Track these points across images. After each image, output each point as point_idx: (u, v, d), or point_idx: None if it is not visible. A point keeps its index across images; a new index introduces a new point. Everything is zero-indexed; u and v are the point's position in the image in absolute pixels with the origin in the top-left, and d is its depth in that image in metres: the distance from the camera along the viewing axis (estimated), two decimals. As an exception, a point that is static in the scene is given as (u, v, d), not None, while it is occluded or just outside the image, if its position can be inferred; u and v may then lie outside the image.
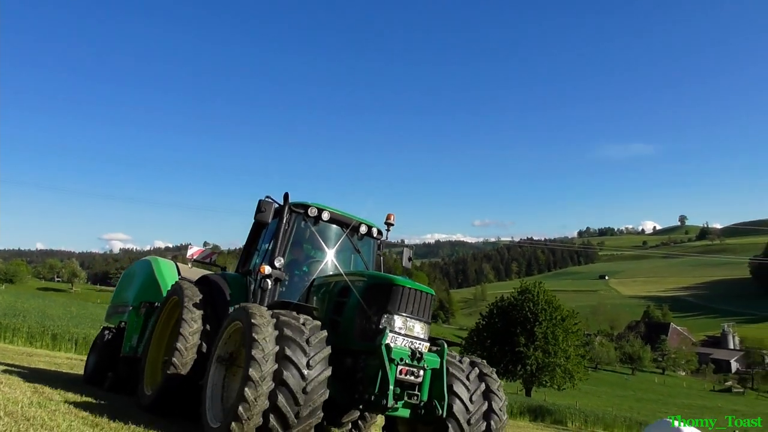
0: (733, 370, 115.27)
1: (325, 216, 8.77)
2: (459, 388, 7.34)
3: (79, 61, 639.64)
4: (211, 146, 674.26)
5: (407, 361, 6.70)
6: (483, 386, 7.67)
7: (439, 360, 7.01)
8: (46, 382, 9.83)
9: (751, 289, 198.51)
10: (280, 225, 8.49)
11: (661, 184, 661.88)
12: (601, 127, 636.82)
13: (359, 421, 9.57)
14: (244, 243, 9.78)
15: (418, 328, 7.07)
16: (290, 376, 5.98)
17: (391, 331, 6.75)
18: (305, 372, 6.05)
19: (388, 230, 9.41)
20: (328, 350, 6.37)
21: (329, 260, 8.89)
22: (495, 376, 7.97)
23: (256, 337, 6.10)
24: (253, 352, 6.01)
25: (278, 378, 5.97)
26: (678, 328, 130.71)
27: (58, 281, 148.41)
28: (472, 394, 7.47)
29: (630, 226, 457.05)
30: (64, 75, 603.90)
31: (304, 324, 6.48)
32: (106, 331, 12.56)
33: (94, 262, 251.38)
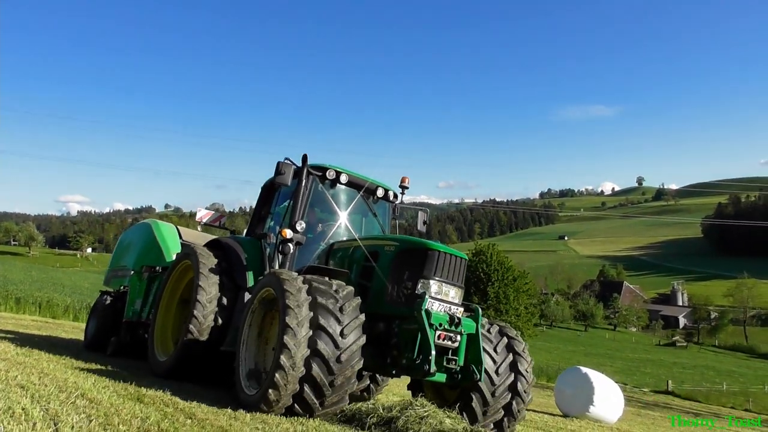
0: (681, 325, 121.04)
1: (344, 179, 8.59)
2: (484, 342, 7.20)
3: (32, 20, 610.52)
4: (174, 110, 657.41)
5: (446, 326, 6.63)
6: (511, 357, 7.51)
7: (475, 325, 6.98)
8: (36, 345, 9.90)
9: (702, 248, 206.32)
10: (299, 187, 8.27)
11: (620, 146, 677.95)
12: (561, 90, 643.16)
13: (371, 385, 9.57)
14: (254, 205, 9.62)
15: (453, 293, 7.01)
16: (324, 345, 5.92)
17: (428, 297, 6.67)
18: (339, 340, 5.99)
19: (402, 193, 9.30)
20: (362, 318, 6.29)
21: (343, 223, 8.76)
22: (527, 353, 7.75)
23: (289, 304, 6.01)
24: (287, 319, 5.92)
25: (312, 347, 5.91)
26: (631, 286, 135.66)
27: (15, 245, 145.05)
28: (499, 366, 7.35)
29: (590, 187, 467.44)
30: (15, 33, 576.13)
31: (336, 291, 6.37)
32: (106, 296, 12.32)
33: (51, 225, 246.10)
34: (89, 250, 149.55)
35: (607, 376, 15.86)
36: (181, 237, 11.46)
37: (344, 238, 8.48)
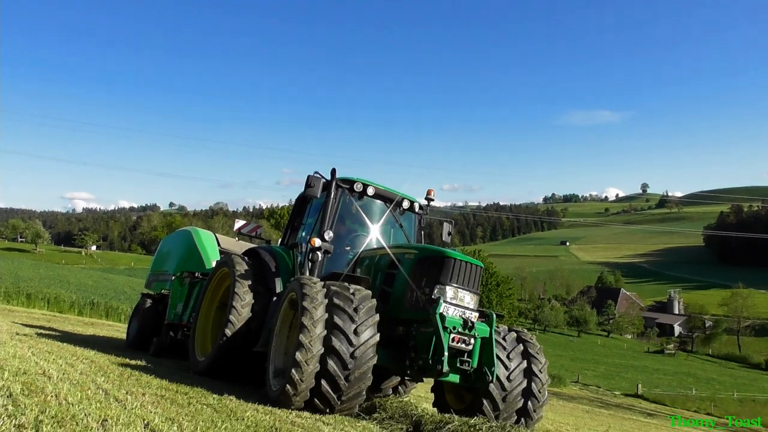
0: (676, 333, 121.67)
1: (370, 191, 8.99)
2: (497, 348, 7.46)
3: (41, 18, 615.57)
4: (176, 111, 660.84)
5: (459, 330, 6.98)
6: (524, 364, 7.79)
7: (489, 329, 7.35)
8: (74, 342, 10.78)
9: (703, 256, 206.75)
10: (327, 199, 8.67)
11: (626, 152, 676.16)
12: (568, 94, 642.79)
13: (399, 387, 9.98)
14: (289, 216, 10.09)
15: (468, 299, 7.31)
16: (339, 342, 6.28)
17: (444, 302, 7.02)
18: (353, 338, 6.33)
19: (428, 205, 9.76)
20: (376, 318, 6.63)
21: (373, 234, 9.16)
22: (541, 356, 8.05)
23: (306, 305, 6.43)
24: (303, 319, 6.36)
25: (327, 344, 6.29)
26: (627, 293, 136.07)
27: (22, 241, 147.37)
28: (511, 372, 7.62)
29: (594, 193, 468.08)
30: (18, 33, 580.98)
31: (353, 294, 6.71)
32: (148, 299, 12.93)
33: (57, 222, 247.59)
34: (94, 248, 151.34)
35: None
36: (219, 244, 12.10)
37: (372, 248, 8.89)
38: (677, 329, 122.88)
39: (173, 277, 11.92)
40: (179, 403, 5.65)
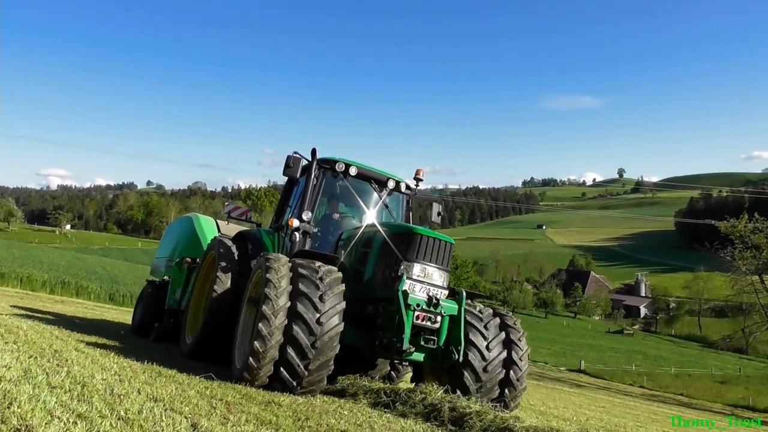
0: (642, 315, 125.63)
1: (353, 171, 8.79)
2: (476, 337, 7.32)
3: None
4: (155, 88, 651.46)
5: (423, 307, 6.82)
6: (503, 335, 7.61)
7: (457, 307, 7.10)
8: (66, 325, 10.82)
9: (675, 240, 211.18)
10: (308, 180, 8.55)
11: (605, 137, 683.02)
12: (549, 79, 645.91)
13: (392, 372, 9.72)
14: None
15: (437, 276, 7.14)
16: (299, 332, 6.08)
17: (408, 278, 6.90)
18: (315, 328, 6.12)
19: (417, 185, 9.42)
20: (342, 305, 6.41)
21: (357, 216, 9.05)
22: (518, 326, 7.93)
23: (268, 293, 6.19)
24: (264, 308, 6.14)
25: (288, 333, 6.10)
26: (597, 276, 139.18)
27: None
28: (489, 342, 7.42)
29: (573, 177, 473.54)
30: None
31: (321, 278, 6.47)
32: (151, 285, 13.12)
33: (30, 199, 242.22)
34: (68, 227, 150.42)
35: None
36: (219, 231, 11.86)
37: (352, 228, 8.65)
38: (643, 311, 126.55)
39: (174, 263, 12.03)
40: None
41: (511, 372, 7.49)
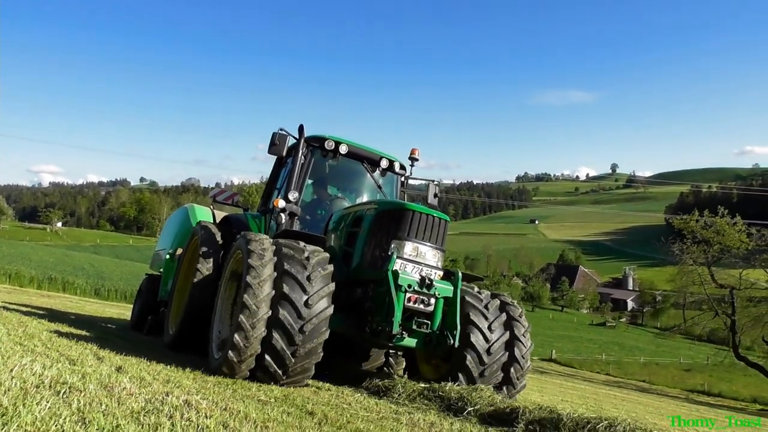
0: (629, 308, 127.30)
1: (343, 149, 8.26)
2: (477, 317, 6.78)
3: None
4: (150, 83, 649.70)
5: (416, 288, 6.31)
6: (504, 316, 7.10)
7: (452, 288, 6.61)
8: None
9: (664, 235, 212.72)
10: (295, 159, 8.03)
11: (598, 132, 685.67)
12: (542, 74, 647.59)
13: (390, 359, 8.97)
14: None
15: (430, 255, 6.65)
16: (287, 315, 5.55)
17: (399, 257, 6.43)
18: (303, 311, 5.60)
19: (412, 165, 8.91)
20: (331, 287, 5.89)
21: (348, 196, 8.65)
22: (517, 305, 7.50)
23: (250, 282, 5.62)
24: (246, 297, 5.57)
25: (274, 317, 5.57)
26: (586, 270, 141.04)
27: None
28: (492, 322, 6.88)
29: (567, 172, 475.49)
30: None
31: (308, 258, 5.94)
32: (148, 279, 12.87)
33: (22, 196, 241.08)
34: (59, 224, 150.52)
35: None
36: (215, 219, 11.28)
37: (342, 208, 8.17)
38: (630, 304, 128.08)
39: (167, 255, 11.67)
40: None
41: (516, 349, 7.00)
